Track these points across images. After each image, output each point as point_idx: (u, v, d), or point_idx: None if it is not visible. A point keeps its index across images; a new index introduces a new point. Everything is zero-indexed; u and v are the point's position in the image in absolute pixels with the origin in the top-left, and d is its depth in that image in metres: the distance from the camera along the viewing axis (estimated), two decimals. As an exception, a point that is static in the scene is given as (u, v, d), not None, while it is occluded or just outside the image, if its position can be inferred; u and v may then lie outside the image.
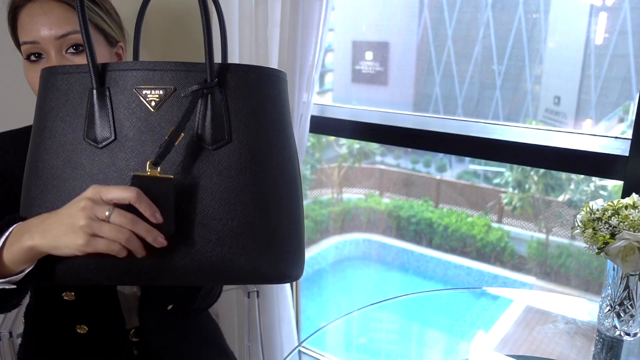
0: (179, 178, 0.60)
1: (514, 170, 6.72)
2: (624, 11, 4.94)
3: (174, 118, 0.60)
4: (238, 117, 0.61)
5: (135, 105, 0.61)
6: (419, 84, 7.19)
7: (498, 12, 6.06)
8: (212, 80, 0.60)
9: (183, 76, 0.60)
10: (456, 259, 7.09)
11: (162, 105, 0.60)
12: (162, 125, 0.60)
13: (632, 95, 5.40)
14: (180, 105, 0.60)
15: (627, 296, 0.87)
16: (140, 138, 0.61)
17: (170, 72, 0.60)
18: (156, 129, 0.60)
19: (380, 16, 6.65)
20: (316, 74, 1.24)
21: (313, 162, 7.53)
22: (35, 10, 0.77)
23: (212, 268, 0.62)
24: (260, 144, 0.63)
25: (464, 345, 1.08)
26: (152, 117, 0.60)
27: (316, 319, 5.48)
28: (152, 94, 0.60)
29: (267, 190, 0.63)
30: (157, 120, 0.60)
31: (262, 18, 1.22)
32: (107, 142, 0.61)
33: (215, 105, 0.60)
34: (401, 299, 1.13)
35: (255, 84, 0.63)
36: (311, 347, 1.66)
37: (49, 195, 0.63)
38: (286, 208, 0.66)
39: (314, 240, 7.19)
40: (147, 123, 0.61)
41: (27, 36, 0.78)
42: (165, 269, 0.62)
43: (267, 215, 0.63)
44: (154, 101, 0.60)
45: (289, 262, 0.67)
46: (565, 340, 0.99)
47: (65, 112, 0.63)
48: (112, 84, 0.61)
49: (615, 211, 0.85)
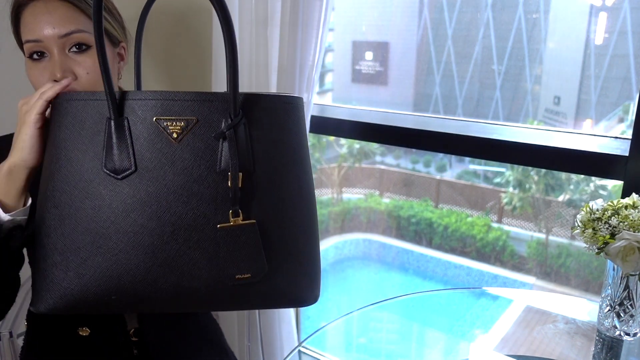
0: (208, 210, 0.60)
1: (515, 169, 6.72)
2: (624, 11, 4.94)
3: (196, 149, 0.59)
4: (260, 148, 0.62)
5: (155, 137, 0.60)
6: (419, 84, 7.19)
7: (498, 12, 6.06)
8: (237, 116, 0.59)
9: (205, 106, 0.60)
10: (456, 259, 7.09)
11: (184, 137, 0.59)
12: (184, 157, 0.60)
13: (632, 95, 5.39)
14: (202, 136, 0.60)
15: (627, 296, 0.87)
16: (162, 169, 0.60)
17: (192, 102, 0.59)
18: (178, 161, 0.60)
19: (380, 16, 6.64)
20: (316, 74, 1.24)
21: (313, 162, 7.52)
22: (39, 9, 0.77)
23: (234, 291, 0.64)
24: (280, 172, 0.64)
25: (464, 345, 1.08)
26: (174, 149, 0.60)
27: (316, 319, 5.48)
28: (173, 126, 0.59)
29: (287, 214, 0.65)
30: (179, 152, 0.60)
31: (262, 18, 1.22)
32: (127, 173, 0.60)
33: (239, 138, 0.60)
34: (401, 299, 1.13)
35: (275, 113, 0.63)
36: (311, 347, 1.66)
37: (66, 226, 0.61)
38: (304, 231, 0.68)
39: (313, 240, 7.18)
40: (169, 155, 0.60)
41: (30, 34, 0.78)
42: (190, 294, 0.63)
43: (287, 238, 0.65)
44: (175, 133, 0.59)
45: (306, 283, 0.69)
46: (565, 340, 0.99)
47: (82, 141, 0.62)
48: (130, 114, 0.60)
49: (615, 211, 0.85)
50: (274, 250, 0.64)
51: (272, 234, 0.63)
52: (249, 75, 1.28)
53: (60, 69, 0.77)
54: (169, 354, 0.95)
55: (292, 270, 0.66)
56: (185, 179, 0.60)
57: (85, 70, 0.80)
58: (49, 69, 0.79)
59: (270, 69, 1.25)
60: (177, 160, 0.60)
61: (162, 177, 0.60)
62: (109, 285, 0.62)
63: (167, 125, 0.59)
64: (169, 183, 0.60)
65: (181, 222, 0.60)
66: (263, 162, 0.62)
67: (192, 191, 0.60)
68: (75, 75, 0.79)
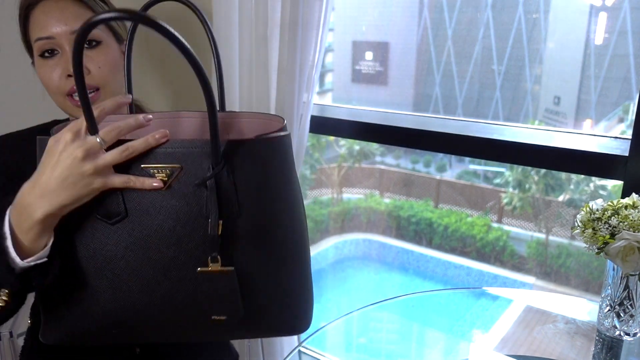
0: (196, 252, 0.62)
1: (514, 170, 6.72)
2: (624, 11, 4.94)
3: (183, 195, 0.60)
4: (245, 192, 0.62)
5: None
6: (419, 84, 7.18)
7: (498, 12, 6.06)
8: (218, 165, 0.59)
9: (188, 154, 0.60)
10: (456, 259, 7.09)
11: (172, 184, 0.60)
12: (172, 203, 0.61)
13: (632, 95, 5.39)
14: (188, 183, 0.60)
15: (627, 296, 0.87)
16: (153, 212, 0.61)
17: (175, 150, 0.60)
18: (166, 206, 0.61)
19: (380, 16, 6.63)
20: (316, 74, 1.24)
21: (312, 162, 7.52)
22: (49, 7, 0.80)
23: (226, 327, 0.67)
24: (268, 212, 0.64)
25: (464, 345, 1.08)
26: (162, 195, 0.61)
27: (316, 319, 5.48)
28: (159, 173, 0.60)
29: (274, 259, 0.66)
30: (167, 199, 0.61)
31: (262, 18, 1.21)
32: (119, 218, 0.61)
33: (221, 185, 0.60)
34: (401, 299, 1.13)
35: (259, 156, 0.62)
36: (311, 347, 1.66)
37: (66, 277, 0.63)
38: (295, 264, 0.69)
39: (314, 240, 7.18)
40: (157, 201, 0.61)
41: (42, 32, 0.79)
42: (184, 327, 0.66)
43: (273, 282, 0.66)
44: (162, 180, 0.60)
45: (296, 317, 0.71)
46: (565, 340, 0.99)
47: None
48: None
49: (615, 211, 0.85)
50: (259, 293, 0.65)
51: (256, 278, 0.64)
52: (249, 75, 1.28)
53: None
54: (174, 349, 0.96)
55: (280, 310, 0.68)
56: (174, 224, 0.61)
57: (97, 65, 0.82)
58: (61, 65, 0.80)
59: (270, 69, 1.25)
60: (166, 206, 0.61)
61: (151, 221, 0.61)
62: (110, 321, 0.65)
63: (153, 173, 0.60)
64: (158, 227, 0.61)
65: (172, 263, 0.62)
66: (249, 206, 0.62)
67: (180, 235, 0.61)
68: (87, 70, 0.81)
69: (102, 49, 0.83)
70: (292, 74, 1.20)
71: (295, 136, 1.26)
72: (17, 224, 0.58)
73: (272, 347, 1.45)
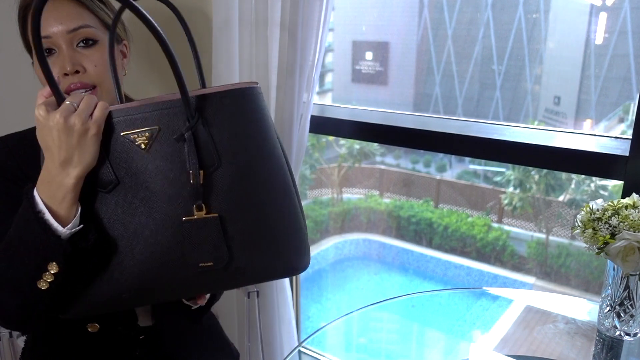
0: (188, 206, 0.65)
1: (515, 169, 6.72)
2: (624, 11, 4.94)
3: (166, 155, 0.64)
4: (222, 142, 0.65)
5: (126, 150, 0.64)
6: (419, 84, 7.19)
7: (498, 12, 6.06)
8: (193, 119, 0.63)
9: (164, 114, 0.64)
10: (456, 259, 7.09)
11: (152, 145, 0.64)
12: (156, 163, 0.64)
13: (632, 95, 5.39)
14: (168, 142, 0.64)
15: (627, 296, 0.87)
16: (142, 177, 0.65)
17: (151, 113, 0.64)
18: (151, 168, 0.64)
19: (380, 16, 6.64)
20: (316, 74, 1.24)
21: (312, 162, 7.52)
22: (48, 7, 0.79)
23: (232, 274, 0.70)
24: (246, 160, 0.68)
25: (464, 345, 1.08)
26: (146, 157, 0.64)
27: (316, 319, 5.48)
28: (139, 137, 0.64)
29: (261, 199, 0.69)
30: (151, 160, 0.64)
31: (262, 18, 1.21)
32: (112, 186, 0.65)
33: (199, 138, 0.64)
34: (401, 299, 1.13)
35: (231, 106, 0.66)
36: (311, 347, 1.66)
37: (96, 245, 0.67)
38: (282, 210, 0.72)
39: (314, 240, 7.18)
40: (143, 163, 0.64)
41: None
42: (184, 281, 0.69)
43: (266, 219, 0.70)
44: (143, 144, 0.64)
45: (293, 255, 0.74)
46: (565, 340, 0.99)
47: None
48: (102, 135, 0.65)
49: (616, 211, 0.84)
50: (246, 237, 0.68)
51: (239, 222, 0.68)
52: (249, 75, 1.28)
53: (69, 62, 0.80)
54: (180, 346, 0.96)
55: (271, 250, 0.71)
56: (162, 182, 0.65)
57: (93, 64, 0.83)
58: (58, 63, 0.81)
59: (270, 69, 1.25)
60: (151, 167, 0.64)
61: (142, 184, 0.65)
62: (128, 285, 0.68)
63: (134, 138, 0.64)
64: (150, 188, 0.65)
65: (171, 219, 0.65)
66: (228, 156, 0.66)
67: (170, 193, 0.65)
68: (84, 69, 0.82)
69: (98, 48, 0.83)
70: (292, 74, 1.20)
71: (295, 136, 1.26)
72: (50, 197, 0.64)
73: (272, 347, 1.45)
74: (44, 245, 0.64)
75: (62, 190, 0.63)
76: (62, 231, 0.64)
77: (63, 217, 0.64)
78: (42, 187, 0.65)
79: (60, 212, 0.64)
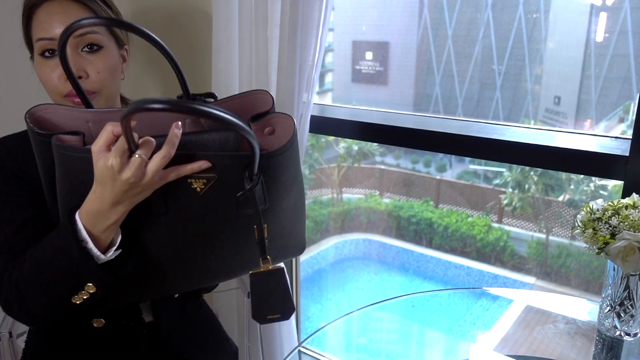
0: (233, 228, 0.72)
1: (514, 170, 6.72)
2: (624, 11, 4.94)
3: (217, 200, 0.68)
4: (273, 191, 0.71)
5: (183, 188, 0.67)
6: (419, 84, 7.19)
7: (498, 12, 6.07)
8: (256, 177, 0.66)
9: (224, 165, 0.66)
10: (456, 259, 7.09)
11: (207, 190, 0.67)
12: (208, 205, 0.68)
13: (633, 95, 5.40)
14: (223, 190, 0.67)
15: (627, 296, 0.87)
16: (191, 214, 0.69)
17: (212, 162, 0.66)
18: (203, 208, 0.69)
19: (380, 16, 6.64)
20: (316, 74, 1.24)
21: (312, 162, 7.53)
22: (54, 9, 0.80)
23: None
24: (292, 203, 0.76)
25: (464, 345, 1.08)
26: (199, 200, 0.67)
27: (316, 319, 5.48)
28: (196, 182, 0.66)
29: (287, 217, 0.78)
30: (203, 202, 0.68)
31: (262, 18, 1.21)
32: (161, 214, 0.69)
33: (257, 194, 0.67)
34: (401, 299, 1.12)
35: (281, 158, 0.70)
36: (311, 347, 1.66)
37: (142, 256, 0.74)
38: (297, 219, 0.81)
39: (314, 240, 7.19)
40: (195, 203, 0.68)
41: (44, 33, 0.80)
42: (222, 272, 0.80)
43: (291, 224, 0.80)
44: (199, 188, 0.67)
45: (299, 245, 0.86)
46: (565, 341, 0.99)
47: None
48: None
49: (616, 211, 0.84)
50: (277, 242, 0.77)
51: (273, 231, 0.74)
52: (249, 75, 1.28)
53: (73, 67, 0.79)
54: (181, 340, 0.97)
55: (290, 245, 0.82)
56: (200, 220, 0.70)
57: (96, 70, 0.82)
58: (61, 67, 0.79)
59: (270, 69, 1.24)
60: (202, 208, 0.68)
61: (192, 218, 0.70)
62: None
63: (191, 182, 0.66)
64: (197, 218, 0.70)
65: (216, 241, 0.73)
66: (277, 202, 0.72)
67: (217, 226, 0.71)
68: (87, 74, 0.82)
69: (103, 54, 0.83)
70: (292, 74, 1.20)
71: (295, 136, 1.26)
72: (93, 227, 0.66)
73: (272, 347, 1.45)
74: (84, 268, 0.66)
75: (106, 222, 0.65)
76: (102, 257, 0.66)
77: (103, 243, 0.67)
78: (86, 216, 0.66)
79: (102, 239, 0.66)
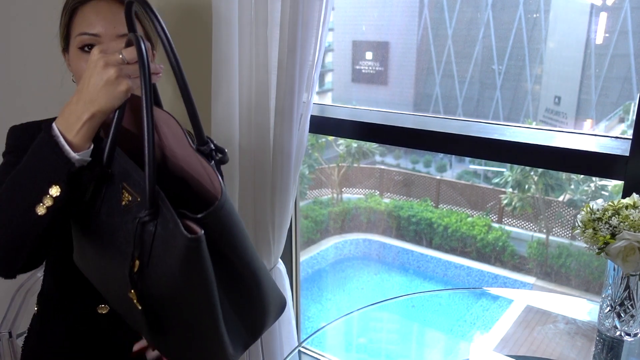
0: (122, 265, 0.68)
1: (514, 170, 6.72)
2: (624, 11, 4.95)
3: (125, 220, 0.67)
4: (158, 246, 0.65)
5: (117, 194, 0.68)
6: (419, 84, 7.19)
7: (498, 12, 6.07)
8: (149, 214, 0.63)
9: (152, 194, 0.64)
10: (456, 259, 7.09)
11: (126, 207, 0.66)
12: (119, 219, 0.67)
13: (633, 95, 5.40)
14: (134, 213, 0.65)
15: (627, 296, 0.87)
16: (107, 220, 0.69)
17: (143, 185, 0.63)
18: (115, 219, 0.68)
19: (380, 16, 6.64)
20: (316, 74, 1.24)
21: (311, 162, 7.52)
22: (102, 8, 0.84)
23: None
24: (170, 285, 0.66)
25: (464, 345, 1.08)
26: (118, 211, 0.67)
27: (316, 319, 5.47)
28: (124, 195, 0.67)
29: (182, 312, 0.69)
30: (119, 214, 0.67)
31: (262, 18, 1.21)
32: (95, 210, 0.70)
33: (145, 232, 0.64)
34: (401, 299, 1.12)
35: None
36: (311, 347, 1.66)
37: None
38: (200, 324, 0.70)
39: (314, 240, 7.19)
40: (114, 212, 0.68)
41: (89, 28, 0.84)
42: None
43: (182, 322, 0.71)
44: (124, 201, 0.67)
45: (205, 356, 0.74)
46: (565, 341, 0.99)
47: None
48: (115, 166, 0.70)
49: (616, 211, 0.84)
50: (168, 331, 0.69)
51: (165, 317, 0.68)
52: (249, 75, 1.28)
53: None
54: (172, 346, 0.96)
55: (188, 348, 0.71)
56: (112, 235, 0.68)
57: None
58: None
59: (270, 69, 1.24)
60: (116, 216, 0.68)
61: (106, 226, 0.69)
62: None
63: (122, 192, 0.67)
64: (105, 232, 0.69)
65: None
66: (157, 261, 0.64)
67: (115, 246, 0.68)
68: None
69: None
70: (292, 74, 1.20)
71: (295, 136, 1.26)
72: (66, 127, 0.68)
73: (272, 347, 1.45)
74: (52, 166, 0.67)
75: (78, 122, 0.67)
76: (72, 155, 0.67)
77: (75, 146, 0.68)
78: (60, 119, 0.69)
79: (74, 142, 0.68)
